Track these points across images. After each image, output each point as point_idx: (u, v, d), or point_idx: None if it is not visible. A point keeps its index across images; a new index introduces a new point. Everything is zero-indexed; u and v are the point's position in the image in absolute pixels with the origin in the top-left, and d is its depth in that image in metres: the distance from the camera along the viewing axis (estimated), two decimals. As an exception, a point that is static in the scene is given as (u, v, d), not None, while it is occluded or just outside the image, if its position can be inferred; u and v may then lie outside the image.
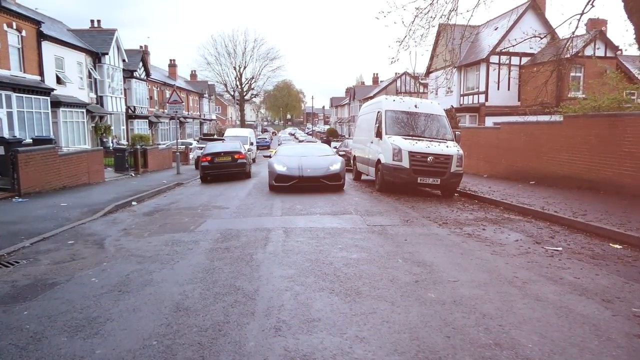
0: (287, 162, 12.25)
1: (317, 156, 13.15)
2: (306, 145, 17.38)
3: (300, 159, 12.51)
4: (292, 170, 11.77)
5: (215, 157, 15.87)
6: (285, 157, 12.86)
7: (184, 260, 5.16)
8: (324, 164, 12.26)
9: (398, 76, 54.42)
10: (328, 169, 12.00)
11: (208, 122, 56.75)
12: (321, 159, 12.86)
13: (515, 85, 28.47)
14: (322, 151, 14.15)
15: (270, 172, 12.20)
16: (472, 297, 3.80)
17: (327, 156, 13.28)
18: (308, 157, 12.89)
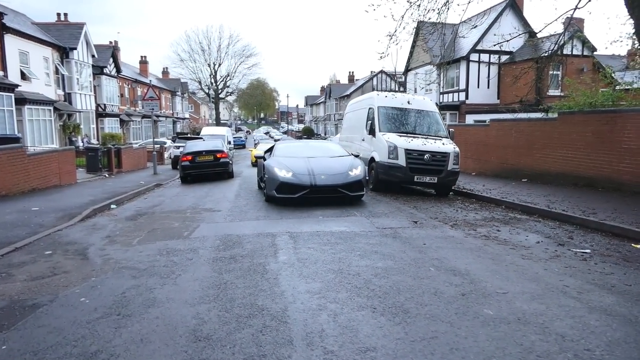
0: (291, 165, 9.11)
1: (328, 157, 9.96)
2: (309, 143, 12.96)
3: (307, 161, 9.40)
4: (301, 177, 8.67)
5: (197, 157, 15.08)
6: (288, 159, 9.56)
7: (186, 273, 4.51)
8: (341, 168, 9.17)
9: (374, 74, 54.32)
10: (348, 175, 8.91)
11: (181, 121, 55.22)
12: (335, 161, 9.70)
13: (495, 83, 28.62)
14: (332, 151, 10.79)
15: (269, 179, 9.03)
16: (534, 312, 3.32)
17: (342, 157, 10.03)
18: (318, 158, 9.71)
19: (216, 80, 61.01)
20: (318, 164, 9.22)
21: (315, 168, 8.95)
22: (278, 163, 9.30)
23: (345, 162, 9.61)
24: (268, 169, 9.16)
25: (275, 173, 8.86)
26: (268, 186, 9.09)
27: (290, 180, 8.67)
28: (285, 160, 9.51)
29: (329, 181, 8.70)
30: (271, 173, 8.97)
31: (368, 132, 12.12)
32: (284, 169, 8.88)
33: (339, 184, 8.74)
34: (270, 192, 8.98)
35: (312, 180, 8.61)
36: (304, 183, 8.58)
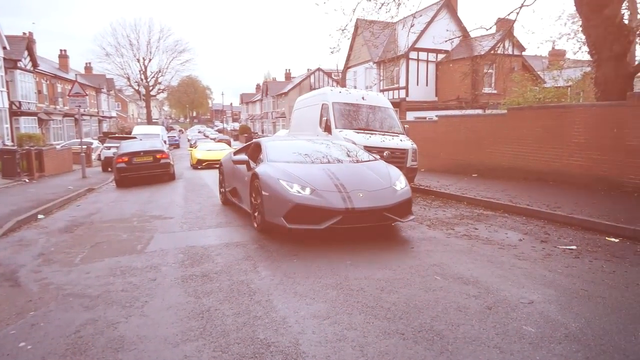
0: (306, 175, 5.85)
1: (352, 162, 6.76)
2: (315, 141, 8.07)
3: (327, 169, 6.14)
4: (328, 196, 5.45)
5: (134, 157, 13.79)
6: (295, 167, 6.24)
7: (153, 298, 3.71)
8: (381, 180, 6.03)
9: (311, 72, 54.12)
10: (394, 191, 5.85)
11: (108, 120, 51.62)
12: (367, 168, 6.45)
13: (433, 81, 29.33)
14: (351, 151, 7.41)
15: (269, 197, 5.71)
16: (580, 328, 2.96)
17: (371, 162, 6.84)
18: (340, 164, 6.52)
19: (146, 76, 57.66)
20: (346, 174, 6.00)
21: (344, 180, 5.74)
22: (283, 172, 5.88)
23: (380, 169, 6.41)
24: (266, 182, 5.78)
25: (282, 189, 5.52)
26: (268, 209, 5.69)
27: (310, 202, 5.33)
28: (293, 167, 6.13)
29: (371, 202, 5.49)
30: (274, 189, 5.62)
31: (323, 129, 11.62)
32: (295, 182, 5.60)
33: (386, 206, 5.54)
34: (273, 218, 5.59)
35: (347, 201, 5.36)
36: (333, 206, 5.29)
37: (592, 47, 9.88)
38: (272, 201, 5.65)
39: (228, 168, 8.34)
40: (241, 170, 7.18)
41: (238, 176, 7.45)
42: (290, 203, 5.37)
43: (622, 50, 9.49)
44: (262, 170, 6.16)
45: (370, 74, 32.18)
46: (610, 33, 9.39)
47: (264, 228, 5.96)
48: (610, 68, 9.62)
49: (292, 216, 5.36)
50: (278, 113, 56.78)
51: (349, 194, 5.49)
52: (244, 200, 7.11)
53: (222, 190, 8.93)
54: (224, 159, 8.98)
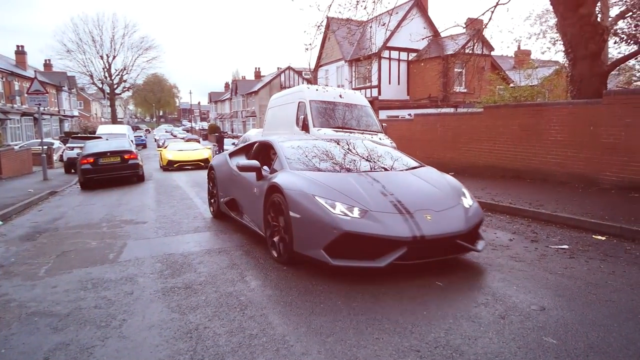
0: (349, 190, 4.34)
1: (402, 170, 5.28)
2: (345, 140, 6.50)
3: (370, 179, 4.69)
4: (387, 220, 3.99)
5: (100, 158, 13.09)
6: (329, 177, 4.71)
7: (133, 316, 3.33)
8: (445, 195, 4.63)
9: (281, 71, 53.63)
10: (466, 211, 4.43)
11: (69, 119, 49.54)
12: (419, 176, 5.02)
13: (404, 80, 29.47)
14: (392, 155, 5.88)
15: (304, 220, 4.14)
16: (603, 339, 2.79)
17: (421, 169, 5.37)
18: (389, 173, 5.10)
19: (111, 74, 55.65)
20: (399, 187, 4.55)
21: (400, 196, 4.31)
22: (317, 186, 4.37)
23: (437, 178, 5.04)
24: (296, 199, 4.25)
25: (321, 210, 4.01)
26: (300, 237, 4.19)
27: (365, 229, 3.86)
28: (326, 178, 4.62)
29: (443, 226, 4.08)
30: (309, 209, 4.10)
31: (300, 128, 11.32)
32: (338, 199, 4.12)
33: (460, 231, 4.13)
34: (307, 249, 4.13)
35: (413, 227, 3.93)
36: (396, 234, 3.86)
37: (567, 46, 9.96)
38: (305, 226, 4.06)
39: (223, 174, 6.72)
40: (246, 178, 5.64)
41: (241, 185, 5.89)
42: (336, 230, 3.81)
43: (597, 49, 9.60)
44: (286, 181, 4.53)
45: (342, 72, 32.09)
46: (586, 32, 9.49)
47: (290, 260, 4.37)
48: (586, 66, 9.73)
49: (338, 248, 3.84)
50: (248, 112, 55.98)
51: (414, 216, 4.02)
52: (250, 217, 5.60)
53: (214, 200, 7.26)
54: (216, 162, 7.33)
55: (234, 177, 6.17)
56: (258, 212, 5.14)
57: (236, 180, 6.10)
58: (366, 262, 3.87)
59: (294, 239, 4.24)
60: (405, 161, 5.67)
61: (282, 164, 5.12)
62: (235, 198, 6.17)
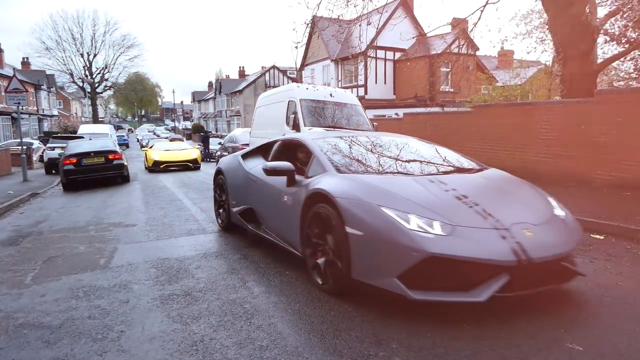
0: (422, 199, 3.38)
1: (474, 172, 4.37)
2: (382, 138, 5.22)
3: (441, 183, 3.71)
4: (480, 237, 3.06)
5: (83, 159, 12.72)
6: (391, 181, 3.76)
7: (131, 327, 3.12)
8: (535, 203, 3.76)
9: (266, 70, 53.27)
10: (564, 224, 3.54)
11: (49, 119, 48.38)
12: (491, 179, 4.22)
13: (391, 79, 29.49)
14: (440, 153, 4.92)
15: (369, 238, 3.17)
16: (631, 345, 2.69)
17: (487, 171, 4.48)
18: (464, 177, 4.15)
19: (92, 72, 54.50)
20: (480, 193, 3.75)
21: (486, 205, 3.44)
22: (380, 192, 3.45)
23: (515, 181, 4.30)
24: (354, 211, 3.33)
25: (391, 225, 3.11)
26: (362, 261, 3.26)
27: (456, 251, 2.94)
28: (388, 183, 3.68)
29: (548, 245, 3.20)
30: (373, 225, 3.19)
31: (291, 127, 11.14)
32: (412, 211, 3.21)
33: (568, 251, 3.35)
34: (372, 277, 3.22)
35: (515, 246, 3.03)
36: (497, 257, 2.97)
37: (558, 45, 10.01)
38: (370, 247, 3.15)
39: (235, 179, 5.75)
40: (271, 184, 4.67)
41: (263, 193, 4.93)
42: (417, 253, 2.89)
43: (588, 48, 9.66)
44: (336, 187, 3.59)
45: (328, 71, 31.96)
46: (577, 31, 9.54)
47: (344, 289, 3.46)
48: (576, 66, 9.78)
49: (418, 276, 2.94)
50: (232, 111, 55.47)
51: (512, 232, 3.11)
52: (276, 231, 4.65)
53: (222, 210, 6.24)
54: (226, 165, 6.22)
55: (252, 182, 5.20)
56: (290, 225, 4.18)
57: (255, 186, 5.12)
58: (459, 295, 2.93)
59: (352, 263, 3.27)
60: (463, 161, 4.75)
61: (323, 166, 4.10)
62: (254, 208, 5.20)
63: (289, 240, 4.28)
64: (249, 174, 5.33)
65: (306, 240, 3.88)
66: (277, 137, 11.92)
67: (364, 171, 4.05)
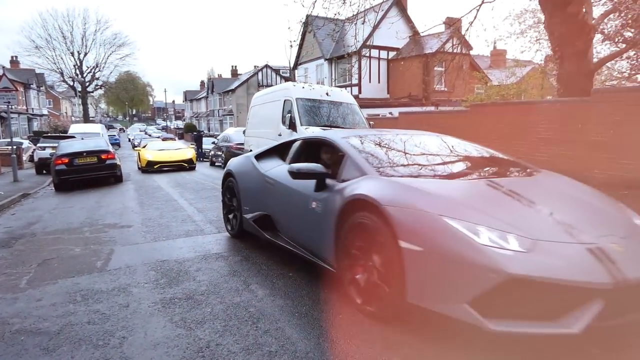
0: (492, 209, 2.83)
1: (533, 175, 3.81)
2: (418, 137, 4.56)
3: (502, 187, 3.17)
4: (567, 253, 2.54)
5: (76, 158, 12.53)
6: (446, 187, 3.21)
7: (133, 333, 3.02)
8: (614, 212, 3.21)
9: (259, 69, 53.04)
10: None
11: (38, 118, 47.78)
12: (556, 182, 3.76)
13: (385, 78, 29.48)
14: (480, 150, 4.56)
15: (431, 254, 2.64)
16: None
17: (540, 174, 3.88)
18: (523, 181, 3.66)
19: (82, 71, 53.88)
20: (551, 199, 3.29)
21: (562, 214, 2.94)
22: (436, 199, 2.92)
23: (581, 187, 3.77)
24: (405, 222, 2.81)
25: (461, 239, 2.57)
26: (422, 283, 2.73)
27: (543, 271, 2.41)
28: (444, 188, 3.16)
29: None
30: (434, 239, 2.67)
31: (288, 127, 11.06)
32: (481, 221, 2.65)
33: None
34: (435, 302, 2.68)
35: (610, 265, 2.49)
36: (590, 278, 2.43)
37: (555, 44, 9.99)
38: (432, 265, 2.64)
39: (249, 182, 5.19)
40: (295, 189, 4.12)
41: (283, 198, 4.42)
42: (495, 274, 2.39)
43: (584, 47, 9.66)
44: (382, 192, 3.04)
45: (322, 70, 31.87)
46: (574, 30, 9.53)
47: (396, 313, 2.91)
48: (573, 65, 9.77)
49: (495, 302, 2.42)
50: (225, 110, 55.18)
51: (601, 247, 2.59)
52: (301, 241, 4.09)
53: (233, 216, 5.70)
54: (237, 167, 5.64)
55: (269, 186, 4.68)
56: (319, 235, 3.68)
57: (273, 190, 4.58)
58: (546, 325, 2.40)
59: (407, 285, 2.71)
60: (510, 160, 4.31)
61: (360, 168, 3.52)
62: (271, 214, 4.66)
63: (317, 252, 3.76)
64: (265, 177, 4.80)
65: (344, 254, 3.32)
66: (273, 136, 11.97)
67: (409, 174, 3.47)
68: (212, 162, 21.32)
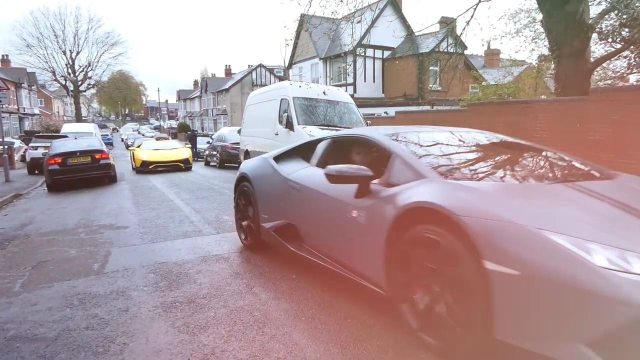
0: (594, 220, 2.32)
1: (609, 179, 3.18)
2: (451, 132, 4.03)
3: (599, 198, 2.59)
4: None
5: (69, 158, 12.35)
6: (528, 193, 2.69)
7: (134, 339, 2.91)
8: None
9: (253, 68, 52.90)
10: None
11: (30, 118, 47.28)
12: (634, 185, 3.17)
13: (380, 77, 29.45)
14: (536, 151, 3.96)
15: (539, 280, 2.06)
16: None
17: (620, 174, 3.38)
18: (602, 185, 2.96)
19: (74, 70, 53.32)
20: None
21: None
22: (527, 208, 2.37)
23: None
24: (491, 238, 2.25)
25: (570, 260, 2.01)
26: (517, 316, 2.17)
27: None
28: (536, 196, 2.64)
29: None
30: (533, 260, 2.10)
31: (284, 126, 10.96)
32: (592, 237, 2.09)
33: None
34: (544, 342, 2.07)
35: None
36: None
37: (553, 43, 9.97)
38: (532, 293, 2.13)
39: (268, 186, 4.64)
40: (328, 194, 3.53)
41: (312, 205, 3.87)
42: (625, 307, 1.87)
43: (582, 46, 9.65)
44: (455, 201, 2.50)
45: (317, 70, 31.77)
46: (571, 29, 9.51)
47: (471, 352, 2.38)
48: (571, 64, 9.76)
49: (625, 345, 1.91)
50: (219, 110, 54.94)
51: None
52: (336, 255, 3.51)
53: (247, 223, 5.04)
54: (253, 170, 5.04)
55: (293, 191, 4.09)
56: (364, 251, 3.12)
57: (299, 196, 4.00)
58: None
59: (495, 317, 2.20)
60: (581, 162, 3.70)
61: (415, 170, 2.94)
62: (296, 224, 4.09)
63: (360, 269, 3.18)
64: (288, 181, 4.19)
65: (396, 271, 2.79)
66: (270, 135, 11.86)
67: (478, 177, 2.90)
68: (207, 161, 21.14)
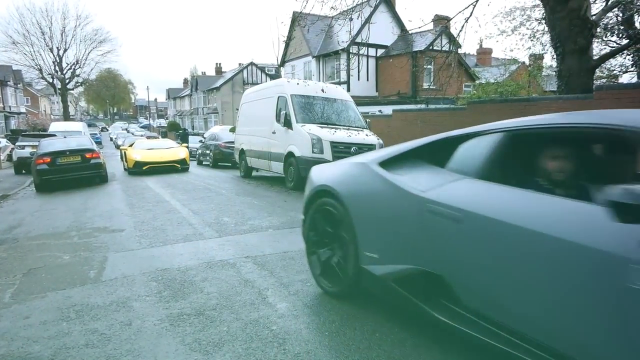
0: None
1: None
2: None
3: None
4: None
5: (58, 158, 11.92)
6: None
7: (141, 359, 2.62)
8: None
9: (244, 67, 52.37)
10: None
11: (16, 117, 46.31)
12: None
13: (373, 76, 29.24)
14: None
15: None
16: None
17: None
18: None
19: (62, 68, 52.23)
20: None
21: None
22: None
23: None
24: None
25: None
26: None
27: None
28: None
29: None
30: None
31: (283, 124, 10.66)
32: None
33: None
34: None
35: None
36: None
37: (556, 40, 9.79)
38: None
39: (379, 209, 2.94)
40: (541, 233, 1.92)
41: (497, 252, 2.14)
42: None
43: (586, 43, 9.49)
44: None
45: (310, 68, 31.45)
46: (575, 25, 9.34)
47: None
48: (574, 61, 9.59)
49: None
50: (210, 109, 54.33)
51: None
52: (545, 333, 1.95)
53: (333, 262, 3.41)
54: (342, 178, 3.38)
55: (442, 221, 2.44)
56: None
57: (456, 231, 2.36)
58: None
59: None
60: None
61: None
62: (445, 274, 2.47)
63: None
64: (429, 204, 2.54)
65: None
66: (267, 134, 11.61)
67: None
68: (199, 161, 20.71)
